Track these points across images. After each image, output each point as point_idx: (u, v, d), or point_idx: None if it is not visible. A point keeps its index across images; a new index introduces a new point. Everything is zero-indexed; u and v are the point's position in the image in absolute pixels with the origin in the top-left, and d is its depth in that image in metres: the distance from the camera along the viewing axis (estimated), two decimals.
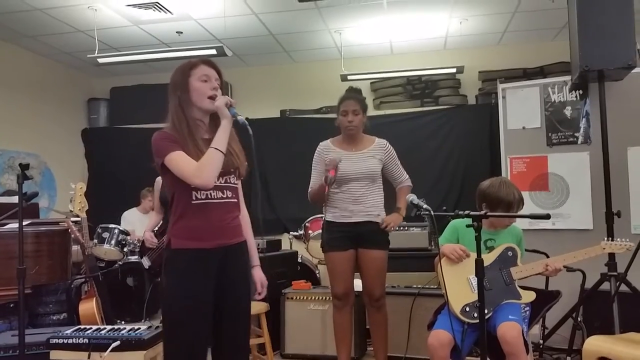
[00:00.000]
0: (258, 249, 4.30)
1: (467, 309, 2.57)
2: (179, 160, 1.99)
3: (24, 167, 2.62)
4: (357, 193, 3.26)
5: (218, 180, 2.07)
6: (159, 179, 4.02)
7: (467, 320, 2.54)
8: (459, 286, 2.62)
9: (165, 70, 6.56)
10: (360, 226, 3.24)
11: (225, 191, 2.12)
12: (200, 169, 1.97)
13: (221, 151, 2.00)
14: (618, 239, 2.72)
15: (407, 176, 3.44)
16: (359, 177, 3.26)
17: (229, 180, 2.14)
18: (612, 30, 3.37)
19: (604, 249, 2.69)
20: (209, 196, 2.07)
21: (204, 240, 2.04)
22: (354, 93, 3.42)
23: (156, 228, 4.07)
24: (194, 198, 2.05)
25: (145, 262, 3.97)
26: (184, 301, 2.01)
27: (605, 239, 2.78)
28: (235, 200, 2.18)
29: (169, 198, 2.12)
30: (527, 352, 2.43)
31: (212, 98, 2.08)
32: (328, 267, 3.37)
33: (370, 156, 3.31)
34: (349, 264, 3.28)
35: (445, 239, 2.78)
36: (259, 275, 2.27)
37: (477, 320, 2.48)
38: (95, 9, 4.83)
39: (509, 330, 2.40)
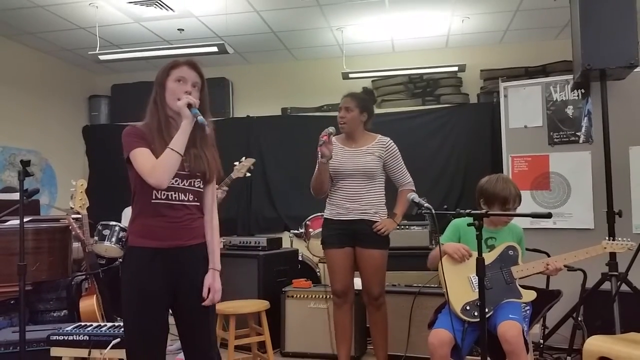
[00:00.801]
0: (258, 246, 4.36)
1: (468, 307, 2.57)
2: (139, 158, 2.01)
3: (25, 163, 2.62)
4: (353, 190, 3.26)
5: (182, 182, 2.09)
6: None
7: (467, 319, 2.54)
8: (460, 285, 2.62)
9: None
10: (356, 224, 3.24)
11: (187, 194, 2.12)
12: (154, 168, 1.98)
13: (178, 152, 2.00)
14: (619, 239, 2.71)
15: (411, 180, 3.38)
16: (354, 173, 3.25)
17: (193, 184, 2.13)
18: (614, 29, 3.36)
19: (605, 248, 2.68)
20: (170, 197, 2.07)
21: (160, 239, 2.05)
22: (361, 91, 3.43)
23: None
24: (153, 197, 2.06)
25: None
26: (137, 298, 2.04)
27: (607, 238, 2.77)
28: (198, 204, 2.17)
29: (132, 193, 2.13)
30: (528, 351, 2.43)
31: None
32: (327, 264, 3.37)
33: (369, 153, 3.29)
34: (346, 261, 3.27)
35: (446, 237, 2.78)
36: (209, 279, 2.14)
37: (478, 319, 2.48)
38: (96, 6, 4.83)
39: (510, 329, 2.39)
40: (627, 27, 3.36)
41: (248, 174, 3.90)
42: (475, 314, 2.53)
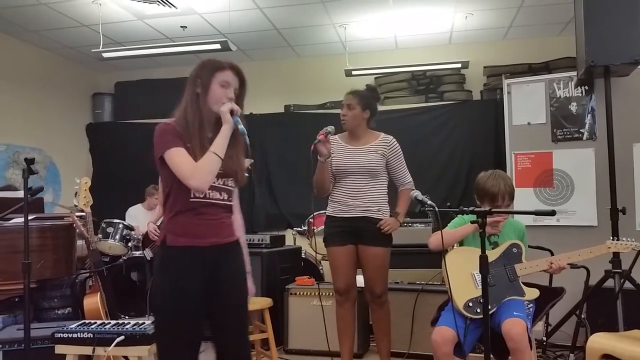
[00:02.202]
0: (262, 244, 4.36)
1: (471, 304, 2.57)
2: (178, 158, 1.99)
3: (30, 161, 2.62)
4: (356, 188, 3.25)
5: (217, 181, 2.10)
6: None
7: (470, 315, 2.54)
8: (463, 281, 2.62)
9: (169, 65, 6.59)
10: (358, 221, 3.23)
11: (222, 193, 2.14)
12: (197, 171, 1.98)
13: (219, 156, 2.01)
14: (623, 239, 2.69)
15: (411, 180, 3.37)
16: (356, 171, 3.25)
17: (226, 183, 2.16)
18: (618, 25, 3.34)
19: (609, 248, 2.67)
20: (207, 196, 2.08)
21: (199, 237, 2.06)
22: (364, 88, 3.42)
23: (159, 222, 4.08)
24: (192, 196, 2.06)
25: (148, 254, 3.98)
26: (176, 296, 2.03)
27: (611, 238, 2.76)
28: (231, 203, 2.20)
29: (165, 193, 2.11)
30: (531, 348, 2.43)
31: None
32: (329, 262, 3.37)
33: (372, 151, 3.29)
34: (349, 259, 3.27)
35: (454, 225, 2.79)
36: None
37: (480, 316, 2.48)
38: (99, 4, 4.83)
39: (514, 326, 2.39)
40: (631, 23, 3.34)
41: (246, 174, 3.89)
42: (478, 310, 2.53)
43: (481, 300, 2.35)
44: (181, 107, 2.11)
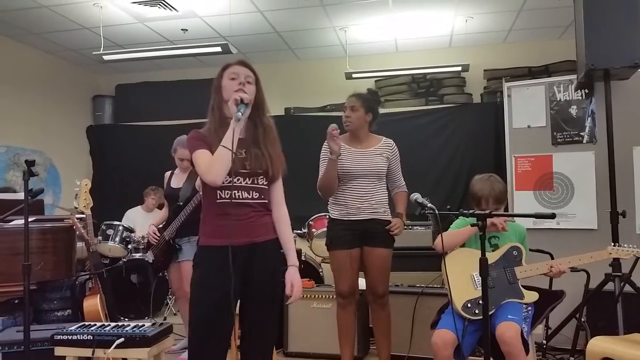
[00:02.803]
0: None
1: (469, 305, 2.57)
2: (198, 158, 2.09)
3: (30, 163, 2.62)
4: (363, 190, 3.26)
5: (244, 181, 2.13)
6: (167, 174, 4.03)
7: (468, 316, 2.54)
8: (462, 282, 2.62)
9: (170, 68, 6.60)
10: (366, 224, 3.24)
11: (251, 192, 2.15)
12: (209, 166, 2.03)
13: (227, 148, 2.02)
14: (625, 245, 2.69)
15: (404, 182, 3.45)
16: (364, 174, 3.26)
17: (256, 182, 2.17)
18: (618, 28, 3.35)
19: (610, 254, 2.67)
20: (233, 196, 2.10)
21: (227, 237, 2.07)
22: (366, 92, 3.43)
23: (161, 225, 4.07)
24: (218, 197, 2.11)
25: (149, 256, 3.98)
26: (208, 296, 2.08)
27: (612, 244, 2.76)
28: (263, 201, 2.20)
29: (202, 196, 2.20)
30: (528, 352, 2.42)
31: (238, 92, 2.13)
32: (333, 265, 3.36)
33: (378, 154, 3.30)
34: (354, 262, 3.27)
35: (457, 225, 2.79)
36: (290, 275, 2.24)
37: (479, 317, 2.49)
38: (100, 6, 4.85)
39: (507, 330, 2.39)
40: (631, 26, 3.34)
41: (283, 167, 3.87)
42: (476, 311, 2.53)
43: (480, 302, 2.35)
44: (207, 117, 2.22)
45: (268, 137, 2.21)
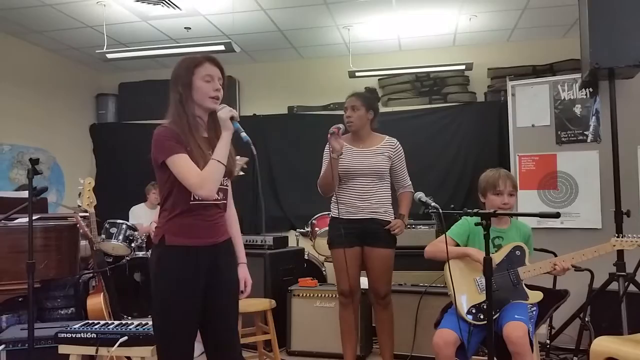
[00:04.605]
0: (265, 245, 4.36)
1: (474, 310, 2.56)
2: (183, 166, 2.01)
3: (34, 162, 2.63)
4: (364, 189, 3.26)
5: None
6: None
7: (473, 322, 2.53)
8: (466, 287, 2.61)
9: (173, 66, 6.59)
10: (366, 223, 3.24)
11: (219, 193, 2.16)
12: (205, 181, 2.01)
13: (222, 163, 2.03)
14: (629, 235, 2.66)
15: (410, 183, 3.43)
16: (365, 173, 3.26)
17: (223, 183, 2.17)
18: (623, 27, 3.33)
19: (614, 246, 2.62)
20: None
21: (197, 237, 2.09)
22: (364, 90, 3.43)
23: None
24: (192, 199, 2.08)
25: None
26: (174, 295, 2.05)
27: (616, 235, 2.73)
28: (225, 201, 2.23)
29: (164, 194, 2.12)
30: (533, 351, 2.42)
31: (214, 98, 2.11)
32: (334, 264, 3.36)
33: (379, 153, 3.30)
34: (354, 261, 3.27)
35: (455, 233, 2.76)
36: (243, 273, 2.28)
37: (483, 322, 2.48)
38: (104, 5, 4.84)
39: (515, 330, 2.38)
40: (636, 25, 3.33)
41: (242, 173, 3.88)
42: (481, 316, 2.53)
43: (484, 307, 2.34)
44: (170, 111, 2.13)
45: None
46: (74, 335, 2.56)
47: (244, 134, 2.03)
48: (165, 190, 2.11)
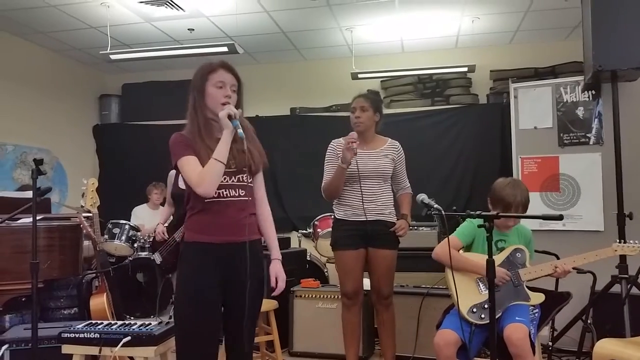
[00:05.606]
0: (266, 246, 4.36)
1: (475, 310, 2.56)
2: (186, 167, 2.09)
3: (38, 162, 2.63)
4: (370, 191, 3.27)
5: (230, 179, 2.14)
6: (171, 173, 4.03)
7: (474, 321, 2.54)
8: (467, 287, 2.62)
9: (176, 67, 6.61)
10: (371, 225, 3.25)
11: (237, 190, 2.17)
12: (202, 179, 2.05)
13: (221, 162, 2.05)
14: (630, 241, 2.68)
15: (409, 184, 3.46)
16: (371, 175, 3.27)
17: (241, 179, 2.18)
18: (626, 30, 3.34)
19: (616, 251, 2.65)
20: (222, 195, 2.13)
21: (214, 235, 2.11)
22: (367, 92, 3.44)
23: (167, 223, 4.09)
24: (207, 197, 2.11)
25: (157, 258, 3.98)
26: (192, 293, 2.10)
27: (617, 240, 2.74)
28: (249, 198, 2.20)
29: (187, 194, 2.19)
30: (534, 354, 2.42)
31: (225, 104, 2.15)
32: (338, 266, 3.37)
33: (383, 155, 3.31)
34: (359, 263, 3.28)
35: (461, 234, 2.76)
36: (275, 268, 2.29)
37: (484, 322, 2.48)
38: (107, 6, 4.86)
39: (515, 331, 2.39)
40: (639, 28, 3.33)
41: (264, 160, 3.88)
42: (482, 316, 2.53)
43: (485, 306, 2.34)
44: (187, 114, 2.20)
45: (246, 133, 2.18)
46: (77, 335, 2.56)
47: (240, 131, 2.07)
48: (187, 191, 2.18)
